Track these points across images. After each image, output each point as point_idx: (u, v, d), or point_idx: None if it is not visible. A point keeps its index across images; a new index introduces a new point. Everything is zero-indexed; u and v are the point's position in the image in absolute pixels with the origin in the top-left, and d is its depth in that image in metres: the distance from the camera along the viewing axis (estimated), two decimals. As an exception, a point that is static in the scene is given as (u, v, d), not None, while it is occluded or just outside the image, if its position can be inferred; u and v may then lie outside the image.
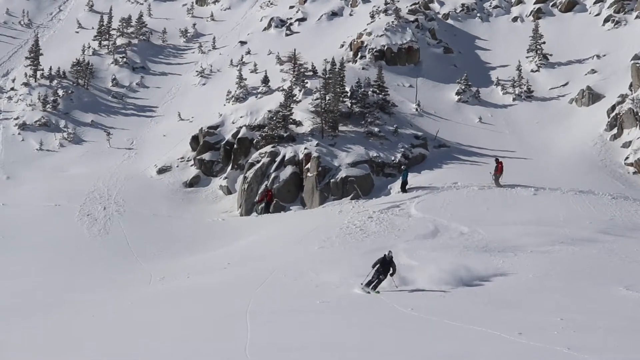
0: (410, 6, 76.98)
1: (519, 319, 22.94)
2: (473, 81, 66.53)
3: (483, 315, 24.10)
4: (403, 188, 49.61)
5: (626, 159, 56.02)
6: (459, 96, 65.61)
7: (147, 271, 39.53)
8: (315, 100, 57.65)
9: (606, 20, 73.18)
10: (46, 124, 68.97)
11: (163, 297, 33.19)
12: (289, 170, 54.20)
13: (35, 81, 75.00)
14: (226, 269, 37.21)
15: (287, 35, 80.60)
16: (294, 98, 59.45)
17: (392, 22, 72.12)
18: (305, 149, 54.61)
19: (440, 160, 55.57)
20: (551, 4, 78.72)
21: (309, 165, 53.65)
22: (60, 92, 72.83)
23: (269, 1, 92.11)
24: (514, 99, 66.03)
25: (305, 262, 34.14)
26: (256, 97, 65.21)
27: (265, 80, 66.13)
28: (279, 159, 54.87)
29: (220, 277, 35.53)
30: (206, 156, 60.57)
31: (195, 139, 62.48)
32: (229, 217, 53.41)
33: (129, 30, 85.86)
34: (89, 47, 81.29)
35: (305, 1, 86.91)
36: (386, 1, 76.81)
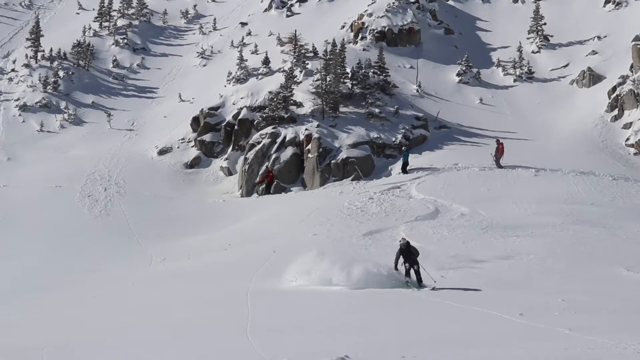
0: (411, -13, 76.57)
1: (520, 300, 22.97)
2: (474, 62, 66.30)
3: (484, 296, 24.15)
4: (404, 169, 49.64)
5: (627, 140, 55.99)
6: (460, 77, 65.40)
7: (148, 252, 39.63)
8: (315, 81, 57.49)
9: (607, 2, 72.73)
10: (47, 105, 68.75)
11: (164, 278, 33.29)
12: (289, 152, 54.14)
13: (36, 62, 74.69)
14: (227, 250, 37.30)
15: (287, 16, 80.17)
16: (295, 79, 59.27)
17: (393, 3, 71.65)
18: (306, 130, 54.52)
19: (441, 142, 55.48)
20: (552, -16, 78.36)
21: (309, 147, 53.58)
22: (61, 73, 72.54)
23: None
24: (514, 80, 65.82)
25: (306, 243, 34.17)
26: (257, 78, 64.98)
27: (266, 62, 65.89)
28: (279, 140, 54.79)
29: (221, 258, 35.63)
30: (207, 137, 60.46)
31: (195, 120, 62.33)
32: (230, 198, 53.40)
33: (129, 12, 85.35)
34: (89, 29, 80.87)
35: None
36: (387, -18, 76.39)
